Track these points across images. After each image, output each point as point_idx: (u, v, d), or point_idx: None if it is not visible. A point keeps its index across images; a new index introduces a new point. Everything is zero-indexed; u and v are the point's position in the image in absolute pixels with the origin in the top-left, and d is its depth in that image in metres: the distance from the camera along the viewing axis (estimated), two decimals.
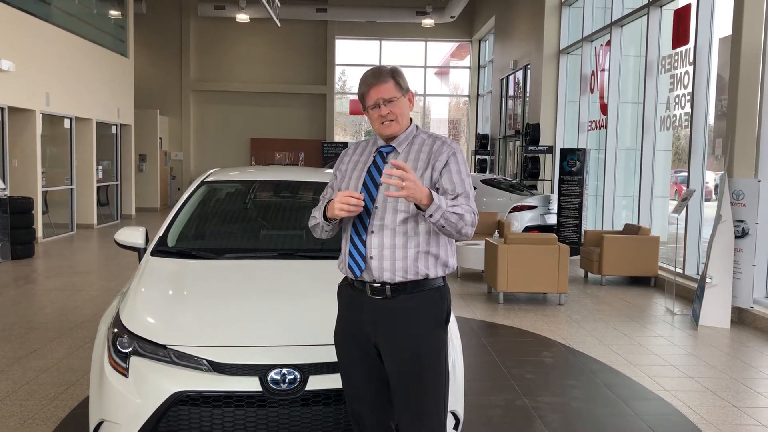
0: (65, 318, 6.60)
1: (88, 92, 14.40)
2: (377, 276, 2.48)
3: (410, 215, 2.47)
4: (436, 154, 2.53)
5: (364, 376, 2.56)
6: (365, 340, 2.53)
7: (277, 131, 22.10)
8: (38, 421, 4.05)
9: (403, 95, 2.54)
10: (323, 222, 2.57)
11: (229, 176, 4.77)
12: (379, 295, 2.49)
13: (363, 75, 2.56)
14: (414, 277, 2.48)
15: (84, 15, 14.66)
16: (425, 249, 2.49)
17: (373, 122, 2.55)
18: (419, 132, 2.61)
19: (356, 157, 2.66)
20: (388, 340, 2.49)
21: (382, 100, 2.49)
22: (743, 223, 6.85)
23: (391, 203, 2.48)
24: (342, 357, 2.61)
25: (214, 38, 21.60)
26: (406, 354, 2.47)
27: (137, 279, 3.51)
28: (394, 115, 2.51)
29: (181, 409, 2.73)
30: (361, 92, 2.55)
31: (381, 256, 2.48)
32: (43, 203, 12.44)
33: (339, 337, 2.63)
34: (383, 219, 2.49)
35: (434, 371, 2.49)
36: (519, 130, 16.18)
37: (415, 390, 2.47)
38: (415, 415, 2.48)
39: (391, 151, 2.57)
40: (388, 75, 2.52)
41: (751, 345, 6.18)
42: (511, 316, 7.09)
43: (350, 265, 2.52)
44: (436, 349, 2.51)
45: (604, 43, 12.17)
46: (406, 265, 2.47)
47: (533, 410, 4.38)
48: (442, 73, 24.69)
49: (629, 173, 11.74)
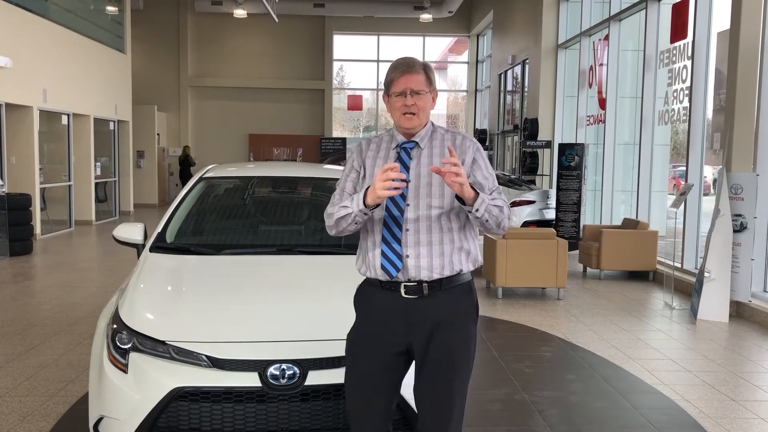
0: (64, 314, 6.60)
1: (86, 88, 14.38)
2: (414, 275, 2.42)
3: (444, 210, 2.44)
4: (461, 149, 2.51)
5: (378, 383, 2.48)
6: (394, 342, 2.46)
7: (275, 127, 22.08)
8: (38, 417, 4.05)
9: (430, 91, 2.50)
10: (359, 211, 2.38)
11: (228, 172, 4.77)
12: (415, 294, 2.44)
13: (395, 61, 2.50)
14: (450, 273, 2.45)
15: (81, 11, 14.62)
16: (459, 245, 2.48)
17: (393, 111, 2.48)
18: (437, 127, 2.59)
19: (373, 153, 2.57)
20: (426, 337, 2.44)
21: (409, 90, 2.44)
22: (741, 218, 6.86)
23: (423, 199, 2.43)
24: (358, 362, 2.50)
25: (212, 34, 21.57)
26: (444, 347, 2.44)
27: (136, 275, 3.51)
28: (417, 108, 2.45)
29: (181, 405, 2.73)
30: (390, 78, 2.48)
31: (418, 254, 2.42)
32: (41, 200, 12.43)
33: (358, 339, 2.52)
34: (417, 216, 2.43)
35: (467, 362, 2.50)
36: (517, 125, 16.17)
37: (448, 381, 2.45)
38: (444, 407, 2.46)
39: (414, 146, 2.51)
40: (420, 67, 2.47)
41: (750, 339, 6.19)
42: (510, 311, 7.09)
43: (384, 266, 2.42)
44: (470, 341, 2.52)
45: (603, 37, 12.16)
46: (443, 262, 2.44)
47: (532, 404, 4.39)
48: (440, 68, 24.67)
49: (628, 168, 11.75)
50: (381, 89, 2.81)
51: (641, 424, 4.13)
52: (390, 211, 2.43)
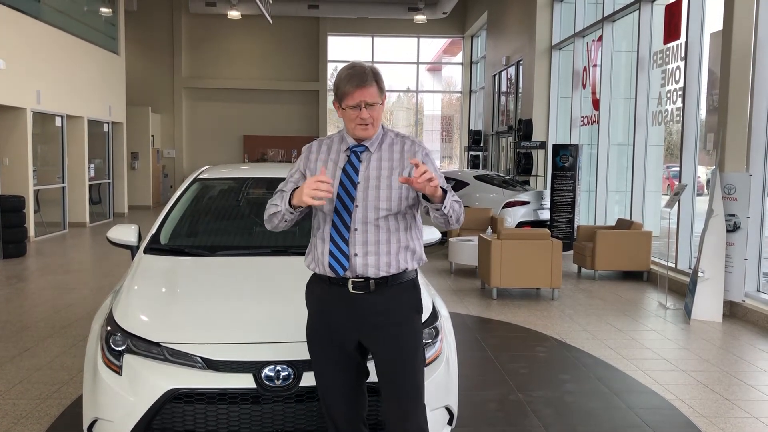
0: (58, 316, 6.58)
1: (80, 90, 14.34)
2: (361, 272, 2.54)
3: (391, 212, 2.55)
4: (410, 154, 2.61)
5: (339, 371, 2.61)
6: (345, 335, 2.58)
7: (269, 128, 22.06)
8: (32, 420, 4.03)
9: (382, 101, 2.56)
10: (286, 210, 2.55)
11: (222, 173, 4.76)
12: (362, 290, 2.55)
13: (346, 73, 2.51)
14: (395, 271, 2.57)
15: (75, 12, 14.57)
16: (405, 244, 2.61)
17: (348, 122, 2.55)
18: (387, 131, 2.67)
19: (324, 156, 2.65)
20: (374, 330, 2.57)
21: (364, 104, 2.49)
22: (735, 217, 6.89)
23: (371, 201, 2.54)
24: (317, 354, 2.64)
25: (206, 35, 21.53)
26: (393, 341, 2.57)
27: (130, 277, 3.50)
28: (372, 119, 2.53)
29: (175, 407, 2.73)
30: (343, 90, 2.50)
31: (366, 253, 2.54)
32: (34, 202, 12.39)
33: (313, 335, 2.65)
34: (366, 216, 2.54)
35: (417, 353, 2.62)
36: (512, 126, 16.20)
37: (404, 373, 2.57)
38: (405, 400, 2.56)
39: (364, 150, 2.60)
40: (372, 78, 2.51)
41: (743, 338, 6.21)
42: (504, 312, 7.10)
43: (331, 264, 2.54)
44: (418, 333, 2.64)
45: (596, 38, 12.20)
46: (389, 260, 2.56)
47: (527, 404, 4.40)
48: (434, 70, 24.69)
49: (621, 168, 11.78)
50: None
51: (636, 424, 4.14)
52: (338, 212, 2.54)
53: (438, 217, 2.53)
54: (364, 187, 2.54)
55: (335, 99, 2.58)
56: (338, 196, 2.54)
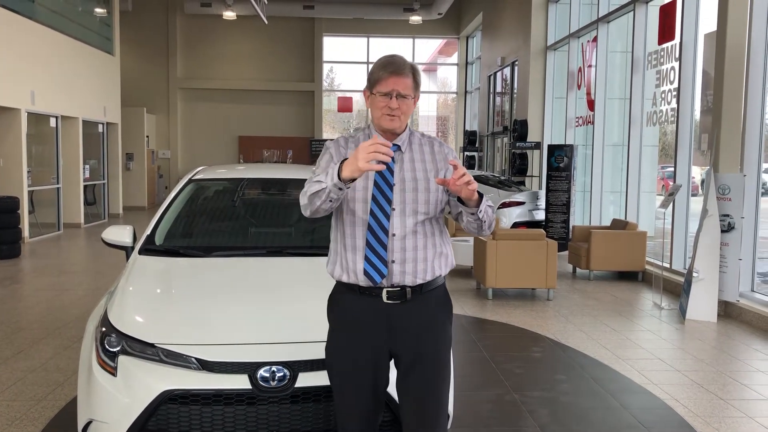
0: (53, 318, 6.56)
1: (74, 90, 14.29)
2: (398, 280, 2.40)
3: (429, 216, 2.43)
4: (441, 155, 2.51)
5: (362, 390, 2.46)
6: (376, 348, 2.43)
7: (265, 129, 22.04)
8: (26, 421, 4.02)
9: (415, 96, 2.45)
10: (333, 186, 2.21)
11: (217, 174, 4.75)
12: (397, 300, 2.40)
13: (384, 59, 2.42)
14: (431, 278, 2.45)
15: (69, 12, 14.54)
16: (440, 250, 2.49)
17: (375, 109, 2.41)
18: (413, 131, 2.56)
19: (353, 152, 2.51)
20: (409, 339, 2.43)
21: (396, 93, 2.36)
22: (729, 218, 6.91)
23: (409, 204, 2.40)
24: (341, 369, 2.46)
25: (201, 36, 21.50)
26: (430, 349, 2.44)
27: (125, 278, 3.49)
28: (401, 111, 2.39)
29: (170, 408, 2.72)
30: (377, 76, 2.38)
31: (404, 260, 2.40)
32: (29, 203, 12.35)
33: (338, 352, 2.47)
34: (404, 221, 2.40)
35: (449, 361, 2.54)
36: (507, 127, 16.22)
37: (436, 382, 2.46)
38: (434, 408, 2.46)
39: (396, 149, 2.44)
40: (409, 70, 2.40)
41: (738, 338, 6.23)
42: (500, 312, 7.11)
43: (367, 272, 2.36)
44: (449, 341, 2.55)
45: (591, 39, 12.22)
46: (425, 267, 2.43)
47: (522, 405, 4.40)
48: (429, 70, 24.71)
49: (616, 169, 11.80)
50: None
51: (631, 424, 4.15)
52: (375, 215, 2.37)
53: (472, 221, 2.42)
54: (400, 189, 2.40)
55: (366, 86, 2.45)
56: (373, 197, 2.37)
